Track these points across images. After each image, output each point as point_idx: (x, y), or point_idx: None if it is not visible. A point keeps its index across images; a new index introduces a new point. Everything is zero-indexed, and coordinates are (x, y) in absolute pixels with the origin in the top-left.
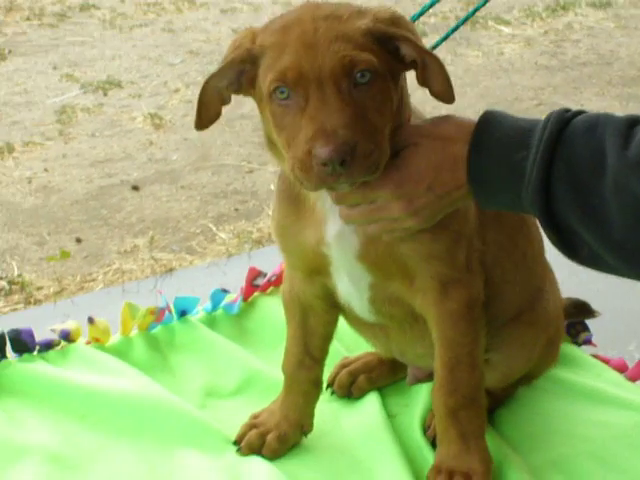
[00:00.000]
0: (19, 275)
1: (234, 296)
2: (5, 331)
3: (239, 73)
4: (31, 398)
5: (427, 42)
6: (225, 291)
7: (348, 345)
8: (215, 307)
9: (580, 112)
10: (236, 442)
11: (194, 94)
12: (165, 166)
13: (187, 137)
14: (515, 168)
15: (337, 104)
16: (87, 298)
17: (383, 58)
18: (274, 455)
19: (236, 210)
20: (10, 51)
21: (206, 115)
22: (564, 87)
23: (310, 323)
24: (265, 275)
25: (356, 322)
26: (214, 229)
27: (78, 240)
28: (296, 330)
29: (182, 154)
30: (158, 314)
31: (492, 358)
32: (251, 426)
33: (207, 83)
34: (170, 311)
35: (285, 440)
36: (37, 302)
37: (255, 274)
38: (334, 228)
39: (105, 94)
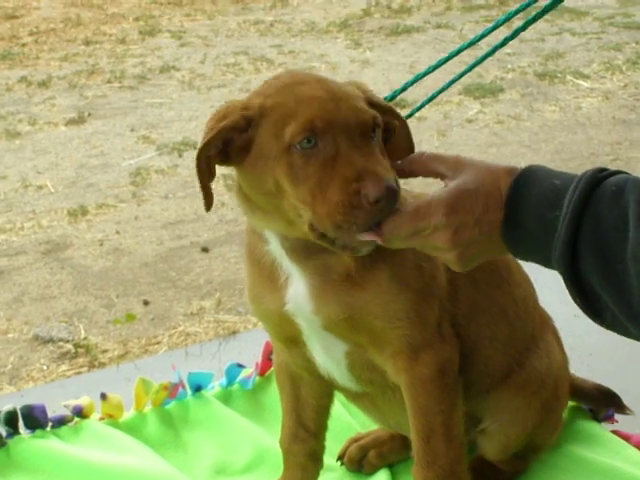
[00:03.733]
0: (85, 338)
1: (250, 371)
2: (18, 407)
3: (226, 142)
4: (41, 475)
5: (504, 97)
6: (241, 366)
7: (363, 421)
8: (230, 382)
9: (616, 172)
10: None
11: None
12: (235, 227)
13: None
14: (548, 226)
15: (367, 150)
16: (150, 361)
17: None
18: None
19: None
20: (90, 114)
21: (209, 191)
22: None
23: (301, 394)
24: None
25: (346, 394)
26: None
27: (145, 302)
28: (288, 402)
29: None
30: (172, 390)
31: (486, 427)
32: None
33: (200, 153)
34: (184, 387)
35: None
36: (101, 365)
37: (271, 348)
38: (294, 297)
39: (180, 155)
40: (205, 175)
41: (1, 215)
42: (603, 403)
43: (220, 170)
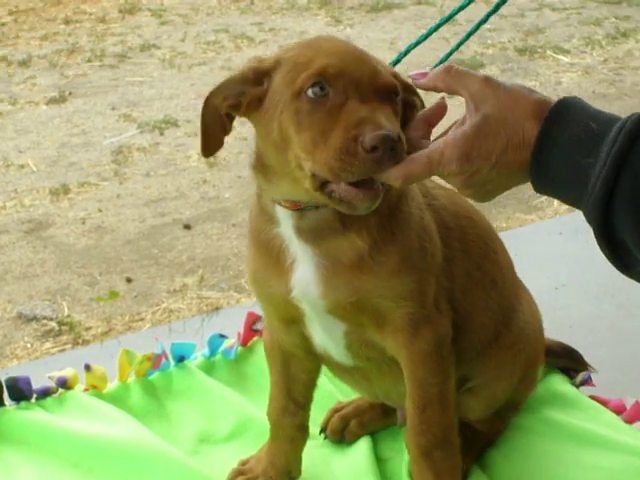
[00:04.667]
0: (68, 316)
1: (232, 341)
2: (2, 379)
3: (239, 93)
4: (26, 445)
5: (485, 72)
6: (223, 336)
7: (344, 389)
8: (213, 352)
9: None
10: None
11: (250, 132)
12: (217, 204)
13: (241, 175)
14: (580, 173)
15: (377, 104)
16: (133, 338)
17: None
18: None
19: None
20: (70, 93)
21: (211, 139)
22: (621, 115)
23: (292, 370)
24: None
25: (336, 368)
26: None
27: (128, 280)
28: (278, 377)
29: (235, 192)
30: (155, 360)
31: (474, 386)
32: (238, 472)
33: (207, 100)
34: (167, 357)
35: None
36: (85, 342)
37: (254, 318)
38: (300, 281)
39: (161, 133)
40: (211, 124)
41: None
42: (567, 359)
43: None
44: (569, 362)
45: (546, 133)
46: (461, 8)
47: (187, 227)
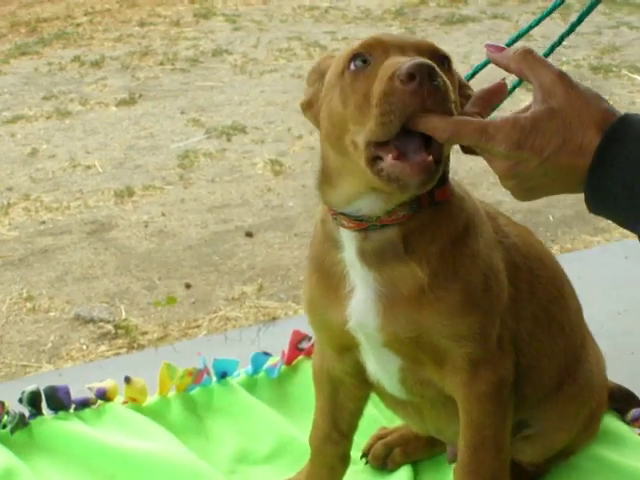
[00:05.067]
0: (125, 319)
1: (276, 359)
2: (41, 388)
3: (306, 95)
4: (62, 456)
5: None
6: (267, 354)
7: (388, 415)
8: (256, 370)
9: None
10: None
11: (317, 141)
12: (281, 213)
13: (305, 184)
14: (638, 195)
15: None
16: (188, 345)
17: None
18: None
19: None
20: (140, 95)
21: None
22: None
23: (340, 398)
24: (310, 338)
25: (388, 400)
26: None
27: (187, 286)
28: (325, 404)
29: (299, 201)
30: (196, 375)
31: (532, 433)
32: None
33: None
34: (208, 373)
35: None
36: (140, 347)
37: (300, 337)
38: (358, 310)
39: (229, 139)
40: None
41: (48, 194)
42: (625, 404)
43: (269, 155)
44: (625, 404)
45: (605, 149)
46: (537, 22)
47: (249, 235)
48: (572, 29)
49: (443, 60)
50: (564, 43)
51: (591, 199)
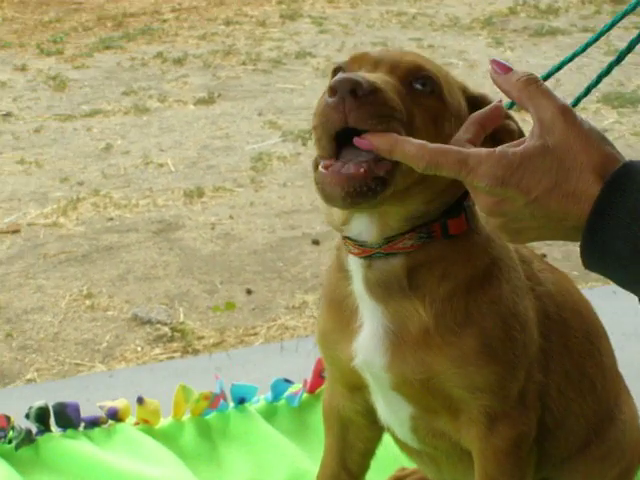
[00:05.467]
0: (182, 322)
1: (298, 387)
2: (50, 404)
3: None
4: (67, 476)
5: None
6: (288, 381)
7: None
8: (276, 398)
9: None
10: None
11: None
12: None
13: None
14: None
15: (380, 75)
16: (243, 353)
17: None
18: None
19: None
20: (220, 95)
21: None
22: None
23: (349, 437)
24: None
25: (403, 446)
26: None
27: (249, 291)
28: (334, 442)
29: None
30: (213, 400)
31: None
32: None
33: None
34: (225, 398)
35: None
36: (194, 352)
37: (324, 365)
38: (364, 347)
39: (304, 144)
40: None
41: (118, 190)
42: None
43: None
44: None
45: (605, 198)
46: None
47: (316, 243)
48: (606, 73)
49: (424, 81)
50: None
51: (587, 253)
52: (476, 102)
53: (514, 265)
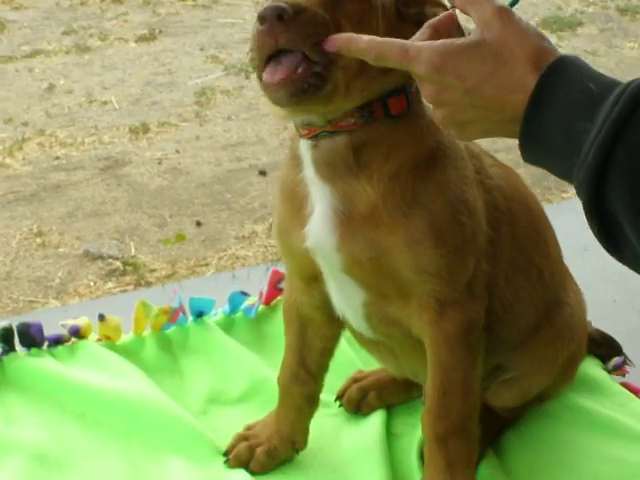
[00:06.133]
0: (134, 256)
1: (254, 299)
2: (14, 325)
3: None
4: (32, 394)
5: (583, 32)
6: (245, 294)
7: (365, 358)
8: (233, 310)
9: None
10: (226, 453)
11: None
12: None
13: None
14: (573, 138)
15: None
16: (196, 282)
17: (392, 11)
18: (261, 470)
19: None
20: (161, 31)
21: None
22: None
23: (308, 335)
24: None
25: (361, 339)
26: None
27: (198, 224)
28: (293, 341)
29: None
30: (172, 314)
31: (510, 377)
32: (242, 438)
33: None
34: (184, 312)
35: (274, 455)
36: (147, 284)
37: (279, 276)
38: (314, 229)
39: (247, 77)
40: None
41: (63, 129)
42: (607, 350)
43: None
44: (607, 351)
45: (542, 88)
46: None
47: (263, 173)
48: None
49: None
50: None
51: (526, 143)
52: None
53: (461, 154)
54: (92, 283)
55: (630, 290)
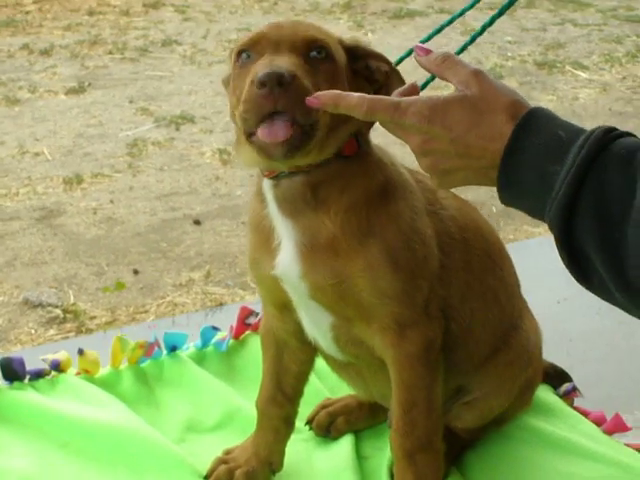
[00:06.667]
0: (74, 304)
1: (224, 334)
2: None
3: None
4: (17, 424)
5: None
6: (216, 329)
7: (331, 387)
8: (205, 344)
9: (626, 134)
10: (206, 477)
11: None
12: (229, 201)
13: (253, 173)
14: (546, 180)
15: (288, 56)
16: (136, 329)
17: (347, 67)
18: None
19: None
20: (90, 84)
21: None
22: (637, 134)
23: (284, 360)
24: (257, 314)
25: (331, 362)
26: None
27: (135, 272)
28: (270, 365)
29: (246, 190)
30: (147, 348)
31: (471, 399)
32: (222, 461)
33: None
34: (159, 346)
35: (253, 477)
36: (88, 331)
37: (247, 313)
38: (282, 260)
39: (177, 129)
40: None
41: None
42: (558, 381)
43: (217, 144)
44: (558, 382)
45: (518, 137)
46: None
47: (197, 223)
48: (482, 31)
49: (320, 50)
50: (509, 38)
51: (503, 185)
52: (352, 50)
53: (410, 188)
54: (33, 330)
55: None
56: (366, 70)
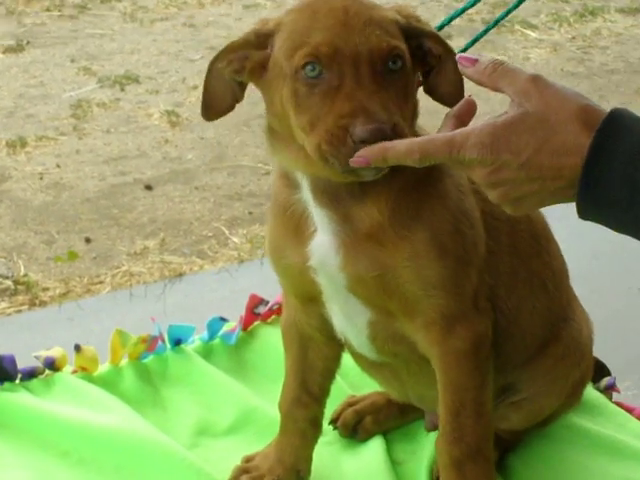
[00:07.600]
0: (25, 275)
1: (233, 325)
2: None
3: (243, 58)
4: (10, 431)
5: (453, 45)
6: (223, 319)
7: (353, 382)
8: (212, 336)
9: None
10: None
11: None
12: (180, 165)
13: (203, 136)
14: (638, 189)
15: (374, 86)
16: (93, 302)
17: (408, 52)
18: None
19: (250, 213)
20: (28, 42)
21: (214, 104)
22: (590, 95)
23: (309, 356)
24: (267, 303)
25: (361, 360)
26: (227, 233)
27: (87, 240)
28: (293, 363)
29: (197, 153)
30: (150, 343)
31: (520, 399)
32: (243, 471)
33: (211, 64)
34: (163, 340)
35: None
36: (42, 304)
37: (256, 301)
38: (318, 249)
39: (122, 89)
40: (218, 90)
41: None
42: (597, 374)
43: (164, 106)
44: (596, 375)
45: (600, 145)
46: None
47: (148, 188)
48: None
49: (395, 59)
50: None
51: (585, 202)
52: (405, 29)
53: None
54: None
55: None
56: (418, 50)
